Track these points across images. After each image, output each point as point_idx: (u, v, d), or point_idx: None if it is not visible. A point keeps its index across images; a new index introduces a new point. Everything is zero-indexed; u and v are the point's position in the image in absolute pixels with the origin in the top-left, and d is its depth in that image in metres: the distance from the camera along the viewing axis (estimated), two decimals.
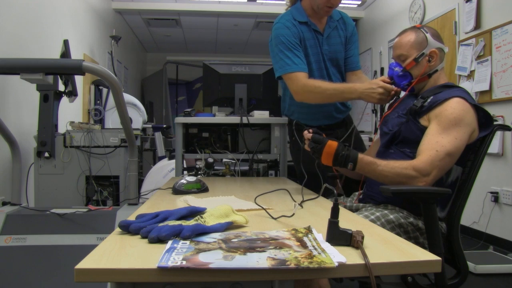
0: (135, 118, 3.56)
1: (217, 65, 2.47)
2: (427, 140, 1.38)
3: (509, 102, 3.25)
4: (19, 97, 2.93)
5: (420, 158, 1.36)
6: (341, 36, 2.09)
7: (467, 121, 1.38)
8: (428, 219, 1.30)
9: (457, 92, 1.44)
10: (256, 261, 0.69)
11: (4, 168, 2.71)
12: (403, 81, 1.57)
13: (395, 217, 1.40)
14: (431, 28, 1.57)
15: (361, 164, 1.40)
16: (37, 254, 1.89)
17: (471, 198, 1.48)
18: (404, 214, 1.43)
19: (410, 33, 1.56)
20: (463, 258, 1.41)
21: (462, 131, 1.36)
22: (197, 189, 1.56)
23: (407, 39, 1.55)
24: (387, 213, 1.42)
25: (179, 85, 8.24)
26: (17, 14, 2.97)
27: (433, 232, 1.28)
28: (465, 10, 3.72)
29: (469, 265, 2.68)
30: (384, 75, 1.84)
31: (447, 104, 1.40)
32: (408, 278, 1.23)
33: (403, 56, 1.55)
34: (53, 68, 1.91)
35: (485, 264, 2.74)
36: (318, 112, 2.08)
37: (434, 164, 1.34)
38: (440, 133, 1.37)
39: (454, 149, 1.35)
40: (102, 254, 0.73)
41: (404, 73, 1.56)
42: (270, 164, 2.49)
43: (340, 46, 2.09)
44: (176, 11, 5.86)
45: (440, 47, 1.53)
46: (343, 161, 1.39)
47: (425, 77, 1.54)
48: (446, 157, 1.34)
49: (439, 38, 1.55)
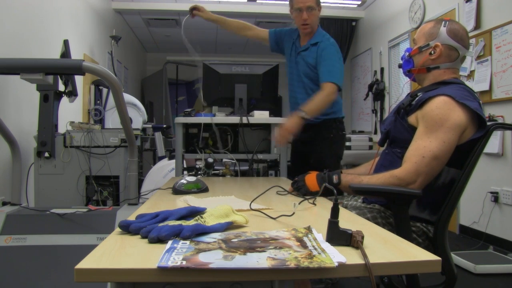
0: (135, 118, 3.56)
1: (217, 65, 2.47)
2: (415, 146, 1.34)
3: (509, 102, 3.25)
4: (19, 97, 2.93)
5: (404, 166, 1.34)
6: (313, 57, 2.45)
7: (453, 122, 1.31)
8: (397, 220, 1.30)
9: (446, 89, 1.37)
10: (256, 261, 0.69)
11: (4, 168, 2.71)
12: (406, 66, 1.56)
13: (372, 216, 1.41)
14: (456, 25, 1.47)
15: (345, 178, 1.42)
16: (37, 254, 1.89)
17: (471, 198, 1.47)
18: (386, 214, 1.43)
19: (431, 23, 1.50)
20: (449, 264, 1.33)
21: (449, 132, 1.31)
22: (197, 189, 1.55)
23: (424, 27, 1.51)
24: (366, 212, 1.43)
25: (179, 85, 8.24)
26: (17, 14, 2.97)
27: (402, 234, 1.26)
28: (465, 10, 3.72)
29: (469, 265, 2.71)
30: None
31: (432, 103, 1.35)
32: (384, 279, 1.23)
33: (415, 41, 1.54)
34: (53, 68, 1.91)
35: (485, 264, 2.74)
36: None
37: (419, 171, 1.31)
38: (428, 136, 1.32)
39: (441, 153, 1.31)
40: (102, 254, 0.73)
41: (408, 58, 1.54)
42: (270, 164, 2.49)
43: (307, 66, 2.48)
44: (176, 11, 5.85)
45: (451, 45, 1.44)
46: (327, 177, 1.44)
47: (423, 70, 1.49)
48: (433, 161, 1.30)
49: (457, 38, 1.44)
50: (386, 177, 1.35)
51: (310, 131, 2.54)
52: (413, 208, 1.41)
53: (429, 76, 1.50)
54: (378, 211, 1.45)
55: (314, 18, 2.43)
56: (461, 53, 1.46)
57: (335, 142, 2.50)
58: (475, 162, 1.34)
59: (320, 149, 2.46)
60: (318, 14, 2.46)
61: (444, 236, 1.36)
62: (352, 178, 1.42)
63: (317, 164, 2.38)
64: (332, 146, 2.49)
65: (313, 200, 1.29)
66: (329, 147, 2.47)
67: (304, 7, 2.39)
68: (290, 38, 2.59)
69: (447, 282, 1.33)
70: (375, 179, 1.37)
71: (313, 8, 2.41)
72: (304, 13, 2.40)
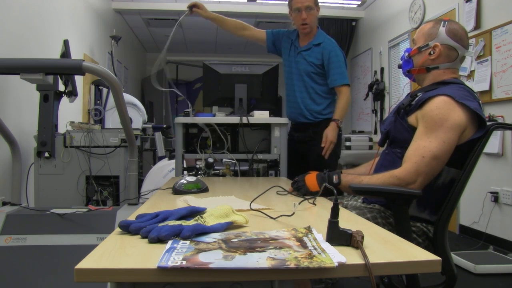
0: (135, 118, 3.56)
1: (217, 65, 2.47)
2: (415, 146, 1.34)
3: (509, 102, 3.25)
4: (19, 97, 2.93)
5: (404, 166, 1.34)
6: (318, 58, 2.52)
7: (452, 121, 1.31)
8: (396, 220, 1.29)
9: (446, 89, 1.37)
10: (256, 261, 0.69)
11: (4, 168, 2.71)
12: (406, 66, 1.56)
13: (372, 216, 1.41)
14: (455, 25, 1.47)
15: (345, 178, 1.42)
16: (37, 254, 1.89)
17: (471, 198, 1.47)
18: (386, 214, 1.43)
19: (429, 23, 1.51)
20: (449, 264, 1.33)
21: (449, 132, 1.31)
22: (197, 189, 1.55)
23: (424, 27, 1.52)
24: (365, 212, 1.43)
25: (179, 85, 8.24)
26: (17, 14, 2.97)
27: (402, 234, 1.26)
28: (465, 10, 3.72)
29: (469, 265, 2.71)
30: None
31: (431, 103, 1.35)
32: (384, 279, 1.23)
33: (414, 41, 1.54)
34: (53, 68, 1.91)
35: (485, 264, 2.74)
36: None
37: (419, 171, 1.31)
38: (427, 136, 1.32)
39: (441, 153, 1.31)
40: (102, 254, 0.73)
41: (408, 59, 1.55)
42: (270, 164, 2.49)
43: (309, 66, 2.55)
44: (176, 11, 5.85)
45: (450, 45, 1.44)
46: (327, 178, 1.44)
47: (423, 70, 1.49)
48: (433, 161, 1.31)
49: (456, 38, 1.45)
50: (386, 177, 1.35)
51: (309, 131, 2.55)
52: (413, 208, 1.40)
53: (428, 76, 1.50)
54: (378, 211, 1.45)
55: (313, 18, 2.49)
56: (460, 53, 1.46)
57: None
58: (475, 162, 1.34)
59: (319, 149, 2.47)
60: (316, 14, 2.52)
61: (444, 236, 1.36)
62: (352, 178, 1.42)
63: (316, 164, 2.39)
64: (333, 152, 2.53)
65: (313, 200, 1.29)
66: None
67: (302, 7, 2.46)
68: (288, 38, 2.64)
69: (447, 282, 1.33)
70: (375, 179, 1.37)
71: (311, 8, 2.48)
72: (303, 12, 2.46)
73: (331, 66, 2.48)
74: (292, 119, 2.66)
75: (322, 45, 2.51)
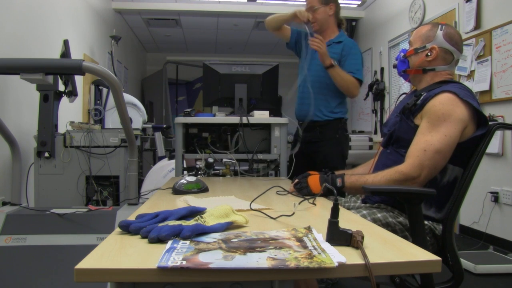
0: (135, 118, 3.56)
1: (217, 65, 2.47)
2: (417, 140, 1.37)
3: (509, 102, 3.25)
4: (19, 97, 2.93)
5: (408, 161, 1.35)
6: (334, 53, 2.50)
7: (456, 116, 1.33)
8: (412, 219, 1.29)
9: (450, 87, 1.40)
10: (256, 261, 0.69)
11: (4, 168, 2.71)
12: (401, 67, 1.58)
13: (382, 216, 1.41)
14: (451, 30, 1.51)
15: (349, 180, 1.42)
16: (37, 254, 1.89)
17: (471, 198, 1.47)
18: (394, 214, 1.43)
19: (427, 26, 1.54)
20: (457, 261, 1.35)
21: (451, 127, 1.33)
22: (197, 189, 1.55)
23: (420, 30, 1.55)
24: (375, 212, 1.43)
25: (179, 85, 8.24)
26: (17, 14, 2.97)
27: (417, 233, 1.26)
28: (465, 10, 3.72)
29: (469, 265, 2.71)
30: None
31: (436, 100, 1.37)
32: (396, 279, 1.23)
33: (411, 43, 1.57)
34: (53, 68, 1.91)
35: (485, 264, 2.74)
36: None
37: (423, 165, 1.32)
38: (430, 131, 1.35)
39: (443, 147, 1.32)
40: (102, 254, 0.73)
41: (404, 59, 1.57)
42: (270, 164, 2.49)
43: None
44: (176, 11, 5.86)
45: (447, 49, 1.48)
46: (330, 180, 1.44)
47: (419, 71, 1.51)
48: (436, 155, 1.32)
49: (452, 41, 1.49)
50: (390, 174, 1.36)
51: (316, 131, 2.54)
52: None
53: (425, 78, 1.52)
54: (387, 211, 1.45)
55: (319, 16, 2.54)
56: (455, 57, 1.50)
57: (341, 142, 2.56)
58: (479, 160, 1.36)
59: (327, 150, 2.49)
60: (325, 11, 2.55)
61: (452, 234, 1.39)
62: (356, 179, 1.42)
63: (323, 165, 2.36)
64: (338, 147, 2.54)
65: (313, 200, 1.29)
66: (335, 148, 2.52)
67: (307, 8, 2.56)
68: (307, 36, 2.67)
69: (455, 278, 1.34)
70: (380, 177, 1.38)
71: (315, 7, 2.53)
72: (310, 12, 2.54)
73: (349, 57, 2.50)
74: (300, 118, 2.64)
75: (344, 42, 2.55)
